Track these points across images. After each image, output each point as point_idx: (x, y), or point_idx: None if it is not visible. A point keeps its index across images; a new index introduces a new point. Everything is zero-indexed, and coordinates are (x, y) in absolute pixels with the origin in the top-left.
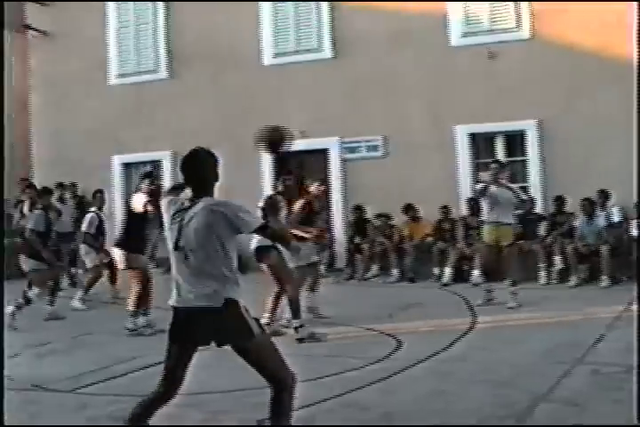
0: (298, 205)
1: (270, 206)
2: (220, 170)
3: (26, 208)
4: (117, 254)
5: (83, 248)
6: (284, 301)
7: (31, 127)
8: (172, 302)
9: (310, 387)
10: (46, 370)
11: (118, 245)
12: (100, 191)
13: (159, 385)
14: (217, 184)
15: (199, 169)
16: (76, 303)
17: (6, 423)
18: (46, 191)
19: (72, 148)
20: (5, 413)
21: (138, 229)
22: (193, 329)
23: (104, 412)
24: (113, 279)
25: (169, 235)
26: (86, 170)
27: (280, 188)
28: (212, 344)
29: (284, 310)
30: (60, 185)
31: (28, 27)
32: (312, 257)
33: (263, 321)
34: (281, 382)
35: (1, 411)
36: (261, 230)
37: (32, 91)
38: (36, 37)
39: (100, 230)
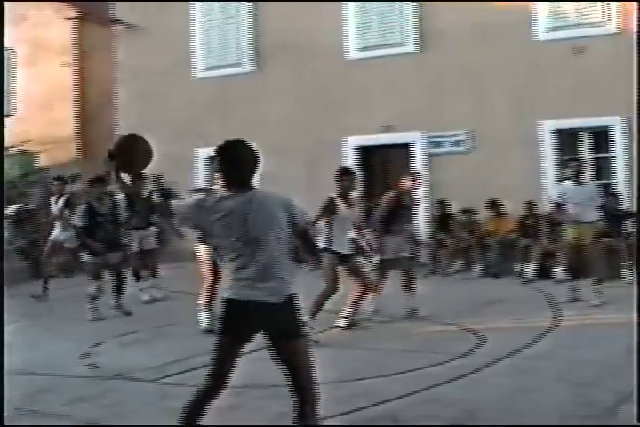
0: (386, 198)
1: (323, 207)
2: (302, 164)
3: (59, 202)
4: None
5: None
6: (369, 295)
7: (117, 120)
8: (229, 294)
9: (391, 382)
10: (130, 359)
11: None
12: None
13: (207, 380)
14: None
15: (248, 160)
16: (147, 296)
17: (6, 423)
18: (98, 181)
19: (157, 140)
20: (88, 399)
21: None
22: (251, 323)
23: (184, 403)
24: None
25: (222, 229)
26: (171, 163)
27: (337, 188)
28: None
29: (370, 303)
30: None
31: (115, 20)
32: (402, 252)
33: (343, 314)
34: (307, 393)
35: (1, 411)
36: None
37: (118, 84)
38: (122, 31)
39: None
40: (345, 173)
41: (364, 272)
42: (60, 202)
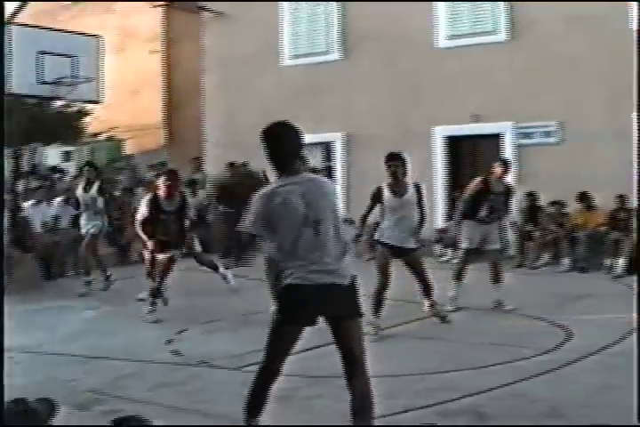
0: (472, 183)
1: (370, 197)
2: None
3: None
4: None
5: None
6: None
7: (204, 108)
8: (295, 280)
9: (477, 375)
10: (213, 347)
11: None
12: None
13: (269, 366)
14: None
15: (292, 141)
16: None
17: (6, 423)
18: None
19: (243, 128)
20: (171, 386)
21: None
22: (320, 307)
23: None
24: None
25: (281, 214)
26: (257, 150)
27: (388, 175)
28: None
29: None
30: (231, 165)
31: (203, 8)
32: (490, 243)
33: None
34: (360, 364)
35: (1, 411)
36: None
37: (205, 72)
38: (210, 18)
39: None
40: (391, 158)
41: (422, 267)
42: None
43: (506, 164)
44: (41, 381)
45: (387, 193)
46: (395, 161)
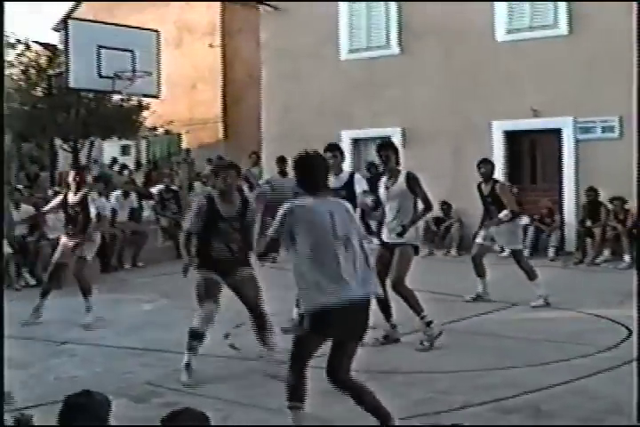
0: None
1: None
2: (448, 149)
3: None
4: None
5: None
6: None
7: (261, 101)
8: (326, 295)
9: (536, 372)
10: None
11: None
12: None
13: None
14: None
15: (323, 168)
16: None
17: (6, 424)
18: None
19: (301, 122)
20: (228, 380)
21: None
22: (349, 322)
23: (324, 385)
24: None
25: (309, 229)
26: (314, 144)
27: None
28: None
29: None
30: (282, 159)
31: (260, 1)
32: (514, 244)
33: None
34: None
35: (1, 411)
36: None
37: (263, 65)
38: (267, 12)
39: None
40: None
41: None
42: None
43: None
44: (98, 373)
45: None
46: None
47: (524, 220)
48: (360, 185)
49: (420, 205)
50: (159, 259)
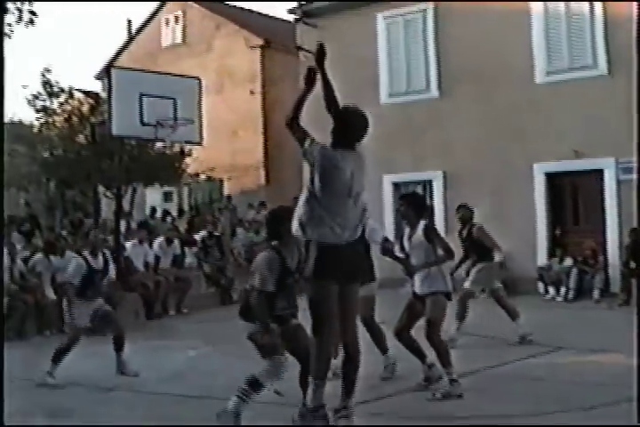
0: None
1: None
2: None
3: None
4: None
5: None
6: None
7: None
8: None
9: (582, 417)
10: None
11: None
12: None
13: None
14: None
15: (362, 126)
16: None
17: (6, 423)
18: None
19: None
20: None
21: None
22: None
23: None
24: None
25: (330, 178)
26: None
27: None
28: None
29: None
30: None
31: (300, 48)
32: (491, 284)
33: None
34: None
35: (1, 411)
36: None
37: (304, 112)
38: (307, 58)
39: None
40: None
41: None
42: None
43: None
44: (143, 421)
45: None
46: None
47: (497, 257)
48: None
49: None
50: (203, 305)
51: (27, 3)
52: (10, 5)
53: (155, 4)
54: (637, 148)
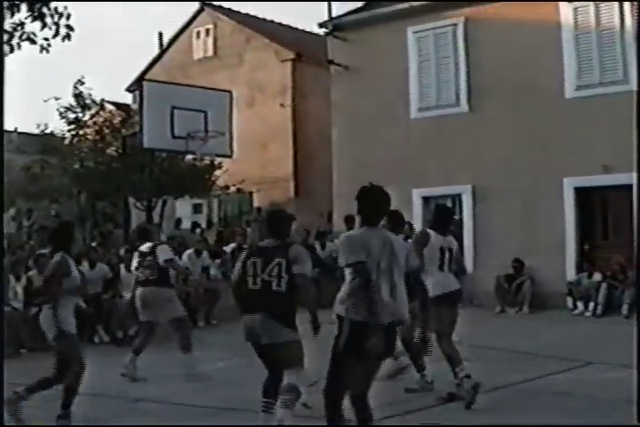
0: None
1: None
2: (518, 205)
3: None
4: None
5: None
6: None
7: (332, 160)
8: (365, 317)
9: None
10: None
11: None
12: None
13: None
14: None
15: (386, 202)
16: None
17: (6, 423)
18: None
19: (371, 180)
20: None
21: None
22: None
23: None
24: None
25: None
26: None
27: None
28: None
29: None
30: (350, 218)
31: (331, 61)
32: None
33: None
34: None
35: (1, 411)
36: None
37: (334, 124)
38: (338, 72)
39: None
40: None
41: None
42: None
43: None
44: None
45: None
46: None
47: None
48: None
49: None
50: (232, 317)
51: (64, 18)
52: (48, 20)
53: (186, 17)
54: (637, 157)
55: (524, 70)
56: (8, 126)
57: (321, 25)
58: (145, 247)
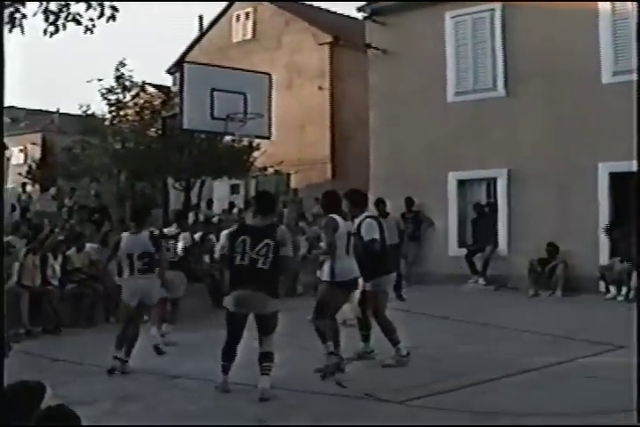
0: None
1: None
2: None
3: None
4: None
5: None
6: None
7: (369, 143)
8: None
9: None
10: (377, 380)
11: None
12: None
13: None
14: None
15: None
16: None
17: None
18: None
19: (408, 164)
20: (335, 417)
21: None
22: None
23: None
24: None
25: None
26: (422, 186)
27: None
28: None
29: None
30: (381, 201)
31: (369, 45)
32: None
33: None
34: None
35: (1, 411)
36: None
37: (371, 108)
38: (375, 55)
39: None
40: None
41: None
42: None
43: None
44: (209, 408)
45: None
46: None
47: None
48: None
49: None
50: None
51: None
52: (93, 1)
53: (226, 1)
54: (637, 147)
55: (561, 55)
56: (50, 107)
57: (359, 9)
58: (169, 231)
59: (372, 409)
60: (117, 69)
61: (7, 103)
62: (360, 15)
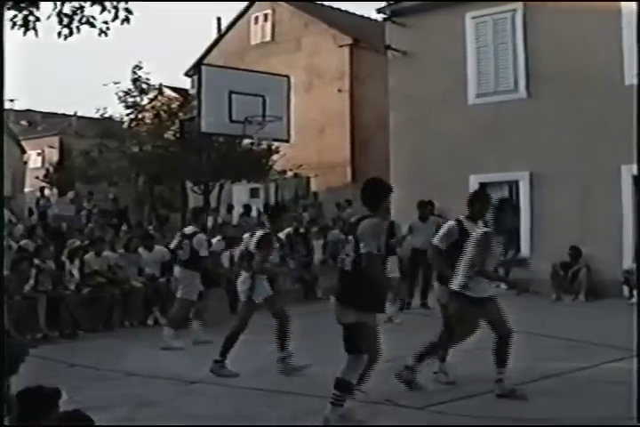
0: None
1: None
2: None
3: None
4: None
5: None
6: None
7: (390, 146)
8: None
9: None
10: (396, 385)
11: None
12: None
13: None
14: None
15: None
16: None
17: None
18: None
19: (429, 166)
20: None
21: None
22: None
23: None
24: None
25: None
26: (443, 189)
27: None
28: None
29: None
30: (423, 204)
31: (388, 47)
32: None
33: None
34: None
35: (1, 411)
36: None
37: (391, 110)
38: (395, 57)
39: None
40: None
41: None
42: None
43: None
44: (225, 413)
45: None
46: None
47: None
48: None
49: None
50: (287, 301)
51: (123, 1)
52: (107, 3)
53: (244, 3)
54: (637, 147)
55: (583, 57)
56: (67, 110)
57: (379, 10)
58: (188, 230)
59: (393, 414)
60: (134, 72)
61: (24, 107)
62: (380, 16)
